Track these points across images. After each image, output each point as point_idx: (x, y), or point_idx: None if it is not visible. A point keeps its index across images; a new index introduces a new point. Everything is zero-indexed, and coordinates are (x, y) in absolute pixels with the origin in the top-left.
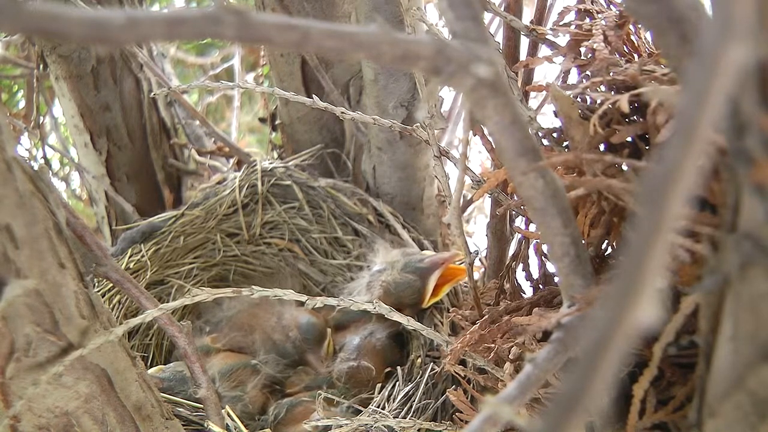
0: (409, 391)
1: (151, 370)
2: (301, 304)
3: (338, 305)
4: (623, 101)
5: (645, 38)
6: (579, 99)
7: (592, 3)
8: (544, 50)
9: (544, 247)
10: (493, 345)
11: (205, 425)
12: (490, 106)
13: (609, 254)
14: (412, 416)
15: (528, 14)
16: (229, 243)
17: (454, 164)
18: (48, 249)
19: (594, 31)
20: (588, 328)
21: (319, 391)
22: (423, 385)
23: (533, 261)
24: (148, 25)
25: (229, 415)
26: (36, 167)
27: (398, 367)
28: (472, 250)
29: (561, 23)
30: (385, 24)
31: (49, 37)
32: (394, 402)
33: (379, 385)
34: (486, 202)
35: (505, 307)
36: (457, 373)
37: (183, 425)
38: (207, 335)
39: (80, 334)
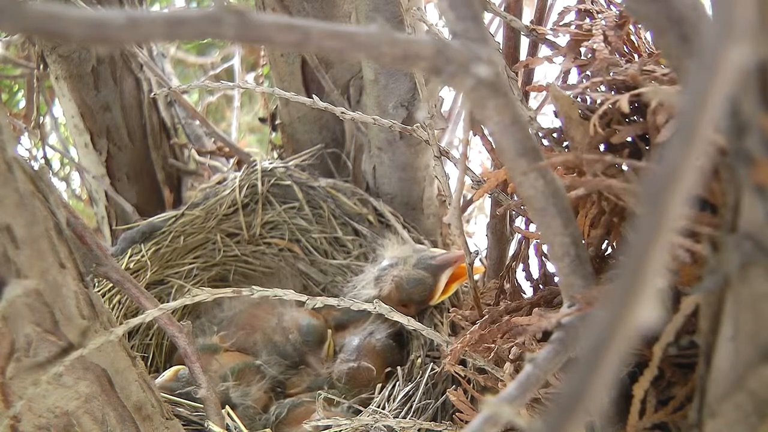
0: (409, 391)
1: (165, 374)
2: (302, 304)
3: (338, 305)
4: (623, 101)
5: (645, 38)
6: (579, 99)
7: (592, 3)
8: (544, 50)
9: (544, 247)
10: (493, 345)
11: (205, 425)
12: (490, 106)
13: (609, 254)
14: (412, 416)
15: (528, 14)
16: (229, 243)
17: (454, 164)
18: (48, 249)
19: (594, 31)
20: (588, 328)
21: (319, 391)
22: (423, 385)
23: (533, 261)
24: (148, 25)
25: (229, 415)
26: (36, 167)
27: (398, 367)
28: (472, 250)
29: (561, 23)
30: (385, 24)
31: (49, 37)
32: (394, 402)
33: (379, 385)
34: (486, 202)
35: (505, 307)
36: (457, 373)
37: (183, 425)
38: (216, 335)
39: (80, 334)
